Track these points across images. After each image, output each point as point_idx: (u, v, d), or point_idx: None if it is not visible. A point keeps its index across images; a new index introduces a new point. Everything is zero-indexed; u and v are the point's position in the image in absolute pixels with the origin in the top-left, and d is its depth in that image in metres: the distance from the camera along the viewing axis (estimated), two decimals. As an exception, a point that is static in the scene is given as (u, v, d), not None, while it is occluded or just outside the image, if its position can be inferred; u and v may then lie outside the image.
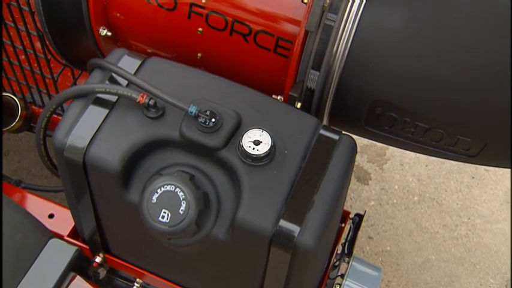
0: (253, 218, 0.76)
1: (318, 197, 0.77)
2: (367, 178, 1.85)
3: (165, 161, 0.82)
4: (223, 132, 0.79)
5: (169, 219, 0.75)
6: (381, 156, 1.90)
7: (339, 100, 0.92)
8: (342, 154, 0.81)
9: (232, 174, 0.80)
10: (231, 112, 0.81)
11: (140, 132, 0.81)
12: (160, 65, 0.88)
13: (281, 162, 0.79)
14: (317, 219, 0.76)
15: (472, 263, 1.70)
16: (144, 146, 0.81)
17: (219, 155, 0.80)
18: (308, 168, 0.79)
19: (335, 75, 0.89)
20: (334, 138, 0.83)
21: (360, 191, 1.81)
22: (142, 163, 0.82)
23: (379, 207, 1.79)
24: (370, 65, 0.89)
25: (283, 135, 0.81)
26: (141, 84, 0.82)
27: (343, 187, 0.82)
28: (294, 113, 0.86)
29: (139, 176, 0.82)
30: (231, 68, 0.99)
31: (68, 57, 1.12)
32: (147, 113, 0.82)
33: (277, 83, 0.96)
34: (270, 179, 0.78)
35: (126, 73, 0.84)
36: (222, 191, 0.80)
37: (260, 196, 0.77)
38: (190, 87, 0.85)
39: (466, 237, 1.74)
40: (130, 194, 0.82)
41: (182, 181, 0.76)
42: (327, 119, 0.96)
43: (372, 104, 0.91)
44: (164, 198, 0.76)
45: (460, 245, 1.73)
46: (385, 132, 0.95)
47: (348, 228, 1.14)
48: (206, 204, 0.78)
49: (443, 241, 1.74)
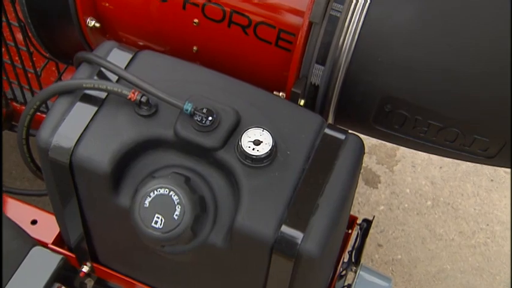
0: (253, 224, 0.77)
1: (322, 201, 0.78)
2: (376, 181, 1.86)
3: (159, 163, 0.83)
4: (221, 131, 0.81)
5: (163, 225, 0.77)
6: (391, 157, 1.92)
7: (345, 97, 0.94)
8: (349, 155, 0.83)
9: (231, 177, 0.81)
10: (229, 110, 0.82)
11: (131, 131, 0.82)
12: (153, 59, 0.90)
13: (283, 163, 0.81)
14: (322, 225, 0.77)
15: (492, 273, 1.71)
16: (136, 146, 0.82)
17: (217, 155, 0.81)
18: (312, 170, 0.81)
19: (341, 69, 0.91)
20: (340, 137, 0.84)
21: (368, 194, 1.83)
22: (133, 164, 0.83)
23: (389, 212, 1.81)
24: (379, 58, 0.90)
25: (285, 135, 0.83)
26: (133, 79, 0.83)
27: (350, 190, 0.83)
28: (297, 111, 0.87)
29: (130, 179, 0.83)
30: (229, 62, 1.00)
31: (53, 50, 1.13)
32: (138, 111, 0.83)
33: (279, 79, 0.98)
34: (271, 181, 0.79)
35: (116, 67, 0.85)
36: (220, 194, 0.82)
37: (260, 200, 0.78)
38: (186, 83, 0.86)
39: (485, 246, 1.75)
40: (121, 197, 0.83)
41: (177, 184, 0.77)
42: (333, 117, 0.97)
43: (381, 101, 0.92)
44: (157, 202, 0.77)
45: (478, 253, 1.74)
46: (395, 131, 0.96)
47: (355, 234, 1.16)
48: (202, 208, 0.80)
49: (459, 249, 1.75)
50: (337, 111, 0.97)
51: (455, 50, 0.87)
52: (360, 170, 0.87)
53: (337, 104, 0.95)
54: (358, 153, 0.85)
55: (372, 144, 1.93)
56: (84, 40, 1.07)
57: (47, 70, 1.29)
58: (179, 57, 0.91)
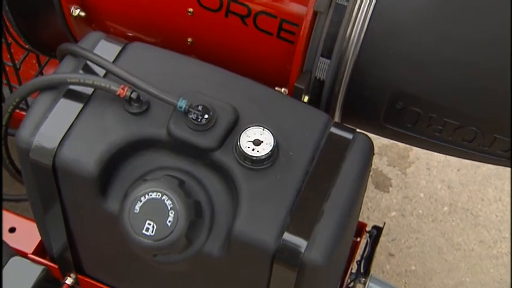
0: (253, 231, 0.79)
1: (328, 206, 0.80)
2: (387, 184, 1.87)
3: (150, 164, 0.84)
4: (218, 130, 0.82)
5: (155, 232, 0.78)
6: (403, 158, 1.92)
7: (353, 92, 0.95)
8: (357, 156, 0.84)
9: (229, 180, 0.83)
10: (227, 107, 0.84)
11: (120, 130, 0.83)
12: (143, 52, 0.91)
13: (285, 165, 0.82)
14: (327, 232, 0.78)
15: (515, 286, 1.72)
16: (125, 146, 0.83)
17: (213, 157, 0.83)
18: (317, 172, 0.82)
19: (349, 63, 0.92)
20: (347, 137, 0.86)
21: (378, 199, 1.83)
22: (123, 167, 0.85)
23: (402, 218, 1.81)
24: (391, 50, 0.91)
25: (288, 134, 0.84)
26: (122, 74, 0.84)
27: (358, 194, 0.84)
28: (301, 108, 0.89)
29: (119, 182, 0.84)
30: (227, 55, 1.01)
31: (33, 41, 1.14)
32: (128, 108, 0.84)
33: (281, 73, 0.99)
34: (273, 184, 0.81)
35: (103, 61, 0.86)
36: (217, 199, 0.83)
37: (261, 205, 0.80)
38: (179, 78, 0.88)
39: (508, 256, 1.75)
40: (109, 202, 0.85)
41: (170, 187, 0.79)
42: (339, 114, 0.99)
43: (392, 97, 0.93)
44: (149, 207, 0.78)
45: (500, 265, 1.74)
46: (407, 130, 0.97)
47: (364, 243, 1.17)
48: (198, 214, 0.81)
49: (479, 260, 1.75)
50: (344, 109, 0.98)
51: (474, 41, 0.88)
52: (369, 172, 0.88)
53: (344, 100, 0.96)
54: (367, 154, 0.86)
55: (383, 144, 1.93)
56: (68, 30, 1.08)
57: (26, 63, 1.29)
58: (172, 50, 0.93)
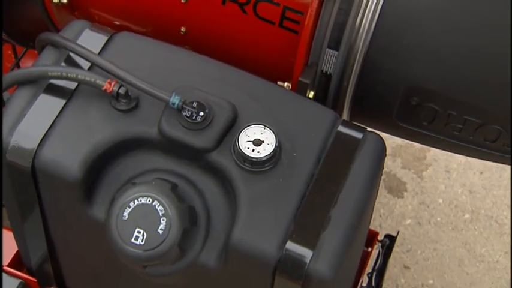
0: (253, 239, 0.80)
1: (335, 212, 0.81)
2: (402, 189, 1.87)
3: (140, 167, 0.86)
4: (215, 129, 0.83)
5: (145, 241, 0.79)
6: (419, 160, 1.92)
7: (363, 87, 0.96)
8: (367, 157, 0.85)
9: (226, 183, 0.84)
10: (224, 103, 0.85)
11: (107, 129, 0.85)
12: (132, 42, 0.92)
13: (288, 167, 0.83)
14: (335, 241, 0.80)
15: (544, 302, 1.72)
16: (113, 146, 0.85)
17: (209, 158, 0.84)
18: (323, 175, 0.83)
19: (358, 55, 0.93)
20: (356, 136, 0.87)
21: (392, 205, 1.83)
22: (109, 169, 0.86)
23: (418, 227, 1.81)
24: (405, 41, 0.92)
25: (291, 133, 0.85)
26: (108, 66, 0.85)
27: (369, 200, 0.86)
28: (305, 105, 0.90)
29: (105, 186, 0.86)
30: (224, 46, 1.02)
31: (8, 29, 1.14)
32: (115, 105, 0.86)
33: (284, 66, 1.00)
34: (274, 188, 0.82)
35: (88, 52, 0.87)
36: (213, 204, 0.84)
37: (261, 211, 0.81)
38: (172, 71, 0.89)
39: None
40: (94, 209, 0.86)
41: (161, 192, 0.80)
42: (348, 112, 1.00)
43: (407, 93, 0.94)
44: (138, 214, 0.79)
45: (527, 278, 1.75)
46: (423, 129, 0.98)
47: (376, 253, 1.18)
48: (192, 221, 0.82)
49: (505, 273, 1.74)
50: (354, 105, 0.99)
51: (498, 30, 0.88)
52: (380, 175, 0.90)
53: (353, 96, 0.97)
54: (379, 155, 0.87)
55: (397, 144, 1.93)
56: (48, 18, 1.08)
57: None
58: (164, 40, 0.94)
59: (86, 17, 1.06)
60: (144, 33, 1.00)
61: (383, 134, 0.98)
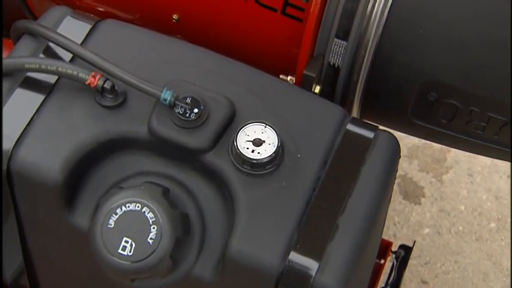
0: (253, 250, 0.80)
1: (344, 219, 0.82)
2: (419, 194, 1.87)
3: (128, 169, 0.87)
4: (210, 127, 0.84)
5: (133, 252, 0.79)
6: (439, 162, 1.92)
7: (375, 82, 0.97)
8: (379, 159, 0.87)
9: (223, 187, 0.85)
10: (220, 99, 0.86)
11: (91, 127, 0.85)
12: (119, 31, 0.93)
13: (292, 170, 0.84)
14: (343, 252, 0.80)
15: None
16: (97, 147, 0.85)
17: (205, 159, 0.85)
18: (330, 178, 0.84)
19: (370, 45, 0.94)
20: (367, 136, 0.88)
21: (407, 213, 1.83)
22: (94, 172, 0.87)
23: (437, 237, 1.81)
24: (422, 30, 0.93)
25: (295, 132, 0.86)
26: (92, 58, 0.86)
27: (381, 206, 0.87)
28: (311, 101, 0.91)
29: (89, 191, 0.86)
30: (221, 36, 1.03)
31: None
32: (100, 101, 0.87)
33: (287, 58, 1.01)
34: (276, 193, 0.83)
35: (69, 42, 0.88)
36: (209, 211, 0.85)
37: (262, 218, 0.82)
38: (163, 64, 0.90)
39: None
40: (77, 216, 0.87)
41: (151, 197, 0.80)
42: (358, 109, 1.01)
43: (424, 87, 0.95)
44: (126, 221, 0.80)
45: (559, 295, 1.75)
46: (442, 127, 0.99)
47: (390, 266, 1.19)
48: (186, 229, 0.83)
49: (534, 289, 1.76)
50: (364, 101, 1.00)
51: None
52: (394, 179, 0.91)
53: (363, 91, 0.98)
54: (392, 156, 0.88)
55: (413, 144, 1.93)
56: (24, 4, 1.10)
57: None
58: (154, 29, 0.95)
59: (67, 3, 1.06)
60: (131, 21, 1.01)
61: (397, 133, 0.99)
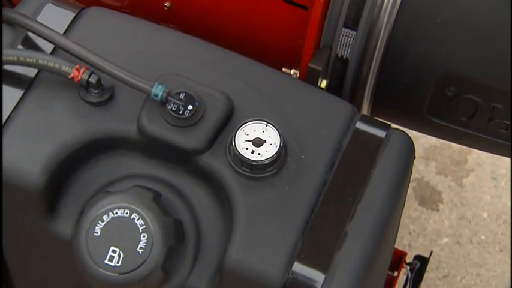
0: (253, 260, 0.81)
1: (353, 227, 0.83)
2: (437, 200, 1.87)
3: (115, 172, 0.88)
4: (206, 126, 0.85)
5: (122, 262, 0.80)
6: (459, 164, 1.93)
7: (387, 75, 0.98)
8: (392, 160, 0.87)
9: (220, 192, 0.85)
10: (217, 95, 0.87)
11: (75, 126, 0.86)
12: (105, 20, 0.94)
13: (296, 173, 0.85)
14: (351, 263, 0.81)
15: None
16: (82, 147, 0.86)
17: (200, 161, 0.86)
18: (338, 182, 0.85)
19: (381, 35, 0.95)
20: (378, 135, 0.89)
21: (424, 220, 1.84)
22: (78, 175, 0.88)
23: (457, 247, 1.82)
24: (439, 18, 0.94)
25: (299, 131, 0.87)
26: (76, 49, 0.87)
27: (394, 213, 0.87)
28: (316, 97, 0.92)
29: (73, 196, 0.87)
30: (218, 25, 1.04)
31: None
32: (85, 96, 0.87)
33: (290, 50, 1.01)
34: (279, 198, 0.84)
35: (50, 32, 0.88)
36: (204, 217, 0.86)
37: (263, 225, 0.82)
38: (154, 56, 0.91)
39: None
40: (59, 223, 0.87)
41: (141, 203, 0.81)
42: (368, 105, 1.02)
43: (441, 81, 0.96)
44: (113, 229, 0.81)
45: None
46: (461, 125, 1.00)
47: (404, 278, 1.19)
48: (179, 238, 0.84)
49: None
50: (375, 97, 1.00)
51: None
52: (408, 182, 0.92)
53: (375, 86, 0.98)
54: (406, 157, 0.89)
55: (431, 145, 1.94)
56: (0, -10, 1.11)
57: None
58: (144, 17, 0.95)
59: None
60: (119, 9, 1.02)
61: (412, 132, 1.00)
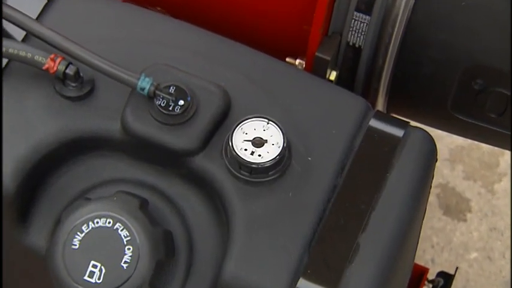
0: (252, 276, 0.82)
1: (366, 239, 0.84)
2: (464, 209, 1.88)
3: (96, 176, 0.89)
4: (200, 123, 0.86)
5: (104, 279, 0.81)
6: (489, 168, 1.93)
7: (405, 66, 0.99)
8: (410, 163, 0.88)
9: (215, 199, 0.86)
10: (212, 88, 0.88)
11: (50, 123, 0.87)
12: (84, 3, 0.95)
13: (301, 177, 0.86)
14: (364, 280, 0.82)
15: None
16: (58, 148, 0.87)
17: (192, 164, 0.86)
18: (349, 187, 0.86)
19: (399, 20, 0.96)
20: (395, 134, 0.90)
21: (449, 232, 1.84)
22: (54, 179, 0.89)
23: (488, 263, 1.82)
24: (464, 1, 0.95)
25: (305, 130, 0.88)
26: (51, 37, 0.88)
27: (413, 223, 0.88)
28: (325, 90, 0.93)
29: (48, 202, 0.88)
30: (213, 9, 1.05)
31: None
32: (62, 90, 0.88)
33: (295, 37, 1.02)
34: (282, 206, 0.84)
35: (22, 17, 0.89)
36: (197, 227, 0.87)
37: (264, 237, 0.83)
38: (140, 44, 0.92)
39: None
40: (32, 234, 0.88)
41: (126, 211, 0.82)
42: (384, 100, 1.03)
43: (467, 73, 0.97)
44: (94, 241, 0.81)
45: None
46: (490, 123, 1.01)
47: (425, 298, 1.21)
48: (169, 251, 0.85)
49: None
50: (392, 91, 1.01)
51: None
52: (429, 188, 0.93)
53: (391, 78, 0.99)
54: (427, 160, 0.90)
55: (457, 145, 1.94)
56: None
57: None
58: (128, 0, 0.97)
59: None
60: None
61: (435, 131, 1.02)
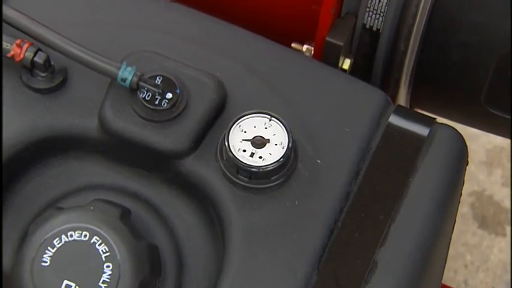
0: None
1: (385, 255, 0.84)
2: (503, 221, 1.89)
3: (70, 181, 0.90)
4: (190, 120, 0.87)
5: None
6: None
7: (430, 53, 1.00)
8: (437, 166, 0.89)
9: (209, 208, 0.87)
10: (205, 79, 0.88)
11: (16, 120, 0.88)
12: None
13: (309, 183, 0.87)
14: None
15: None
16: (25, 149, 0.88)
17: (182, 167, 0.87)
18: (365, 195, 0.87)
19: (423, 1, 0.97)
20: (419, 132, 0.90)
21: (485, 248, 1.85)
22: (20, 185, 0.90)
23: None
24: None
25: (314, 128, 0.89)
26: (17, 19, 0.88)
27: (440, 237, 0.89)
28: (337, 82, 0.94)
29: (13, 212, 0.89)
30: None
31: None
32: (30, 81, 0.89)
33: (302, 19, 1.03)
34: (286, 217, 0.85)
35: None
36: (188, 242, 0.88)
37: (265, 252, 0.84)
38: (122, 28, 0.93)
39: None
40: None
41: (105, 222, 0.82)
42: (407, 92, 1.03)
43: (503, 61, 0.98)
44: (68, 257, 0.82)
45: None
46: None
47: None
48: (154, 268, 0.85)
49: None
50: (416, 82, 1.02)
51: None
52: (459, 196, 0.94)
53: (415, 67, 1.00)
54: (456, 162, 0.91)
55: (495, 146, 1.95)
56: None
57: None
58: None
59: None
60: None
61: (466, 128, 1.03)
